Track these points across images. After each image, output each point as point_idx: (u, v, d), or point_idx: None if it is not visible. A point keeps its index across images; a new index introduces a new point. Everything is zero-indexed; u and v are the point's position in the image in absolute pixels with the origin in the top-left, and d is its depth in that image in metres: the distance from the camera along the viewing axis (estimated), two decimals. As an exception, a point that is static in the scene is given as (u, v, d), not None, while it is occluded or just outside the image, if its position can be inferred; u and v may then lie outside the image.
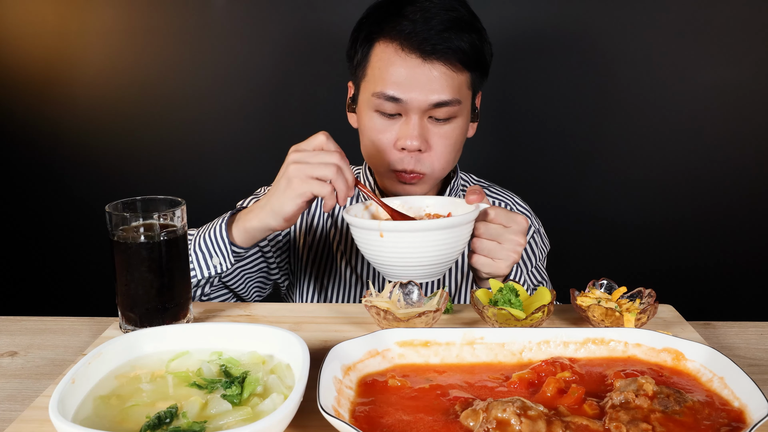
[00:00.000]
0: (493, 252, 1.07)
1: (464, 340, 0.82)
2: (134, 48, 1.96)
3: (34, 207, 2.08)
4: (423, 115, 1.18)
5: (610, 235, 2.01)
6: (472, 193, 1.07)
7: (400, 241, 0.98)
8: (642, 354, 0.82)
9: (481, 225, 1.06)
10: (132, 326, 0.93)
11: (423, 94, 1.16)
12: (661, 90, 1.90)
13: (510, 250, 1.06)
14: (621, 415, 0.67)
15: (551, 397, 0.72)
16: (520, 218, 1.07)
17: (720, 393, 0.73)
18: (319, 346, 0.91)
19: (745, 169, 1.94)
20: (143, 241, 0.90)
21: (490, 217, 1.06)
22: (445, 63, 1.16)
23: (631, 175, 1.96)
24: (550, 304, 0.92)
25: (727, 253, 1.99)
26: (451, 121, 1.21)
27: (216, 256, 1.13)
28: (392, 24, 1.17)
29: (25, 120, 2.02)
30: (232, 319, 1.02)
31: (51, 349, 0.95)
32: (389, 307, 0.93)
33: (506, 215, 1.06)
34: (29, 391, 0.84)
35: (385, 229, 0.98)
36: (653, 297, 0.96)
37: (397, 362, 0.81)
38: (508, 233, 1.06)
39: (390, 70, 1.17)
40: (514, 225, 1.06)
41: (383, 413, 0.70)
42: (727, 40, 1.85)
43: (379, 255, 1.01)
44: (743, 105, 1.89)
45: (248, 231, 1.10)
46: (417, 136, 1.18)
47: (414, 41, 1.15)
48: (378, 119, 1.21)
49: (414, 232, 0.98)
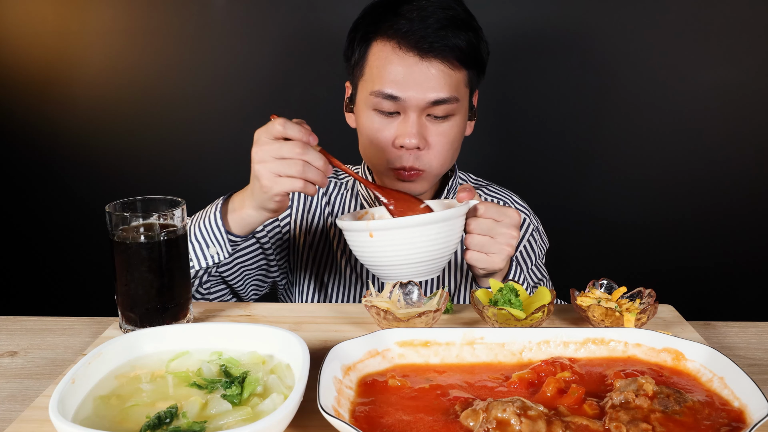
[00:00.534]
0: (486, 247, 1.07)
1: (464, 340, 0.83)
2: (134, 48, 1.97)
3: (34, 207, 2.09)
4: (421, 113, 1.19)
5: (609, 235, 2.01)
6: (463, 190, 1.07)
7: (389, 238, 0.98)
8: (642, 354, 0.82)
9: (472, 221, 1.07)
10: (132, 326, 0.93)
11: (421, 92, 1.16)
12: (660, 90, 1.90)
13: (503, 244, 1.06)
14: (621, 415, 0.67)
15: (551, 397, 0.72)
16: (511, 212, 1.07)
17: (720, 393, 0.73)
18: (319, 346, 0.91)
19: (745, 169, 1.94)
20: (143, 241, 0.91)
21: (480, 212, 1.06)
22: (443, 61, 1.16)
23: (630, 174, 1.96)
24: (550, 304, 0.92)
25: (727, 253, 2.00)
26: (449, 119, 1.21)
27: (213, 246, 1.13)
28: (389, 23, 1.17)
29: (25, 120, 2.03)
30: (232, 319, 1.02)
31: (51, 349, 0.95)
32: (389, 307, 0.93)
33: (497, 210, 1.06)
34: (29, 391, 0.84)
35: (373, 228, 0.98)
36: (653, 297, 0.96)
37: (397, 362, 0.81)
38: (500, 227, 1.06)
39: (388, 69, 1.17)
40: (505, 218, 1.06)
41: (383, 413, 0.70)
42: (727, 40, 1.85)
43: (372, 256, 1.02)
44: (743, 105, 1.89)
45: (243, 219, 1.10)
46: (415, 134, 1.18)
47: (411, 39, 1.15)
48: (376, 118, 1.21)
49: (402, 228, 0.98)
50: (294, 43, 1.92)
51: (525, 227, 1.38)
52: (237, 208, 1.10)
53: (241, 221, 1.10)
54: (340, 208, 1.37)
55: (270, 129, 1.00)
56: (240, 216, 1.10)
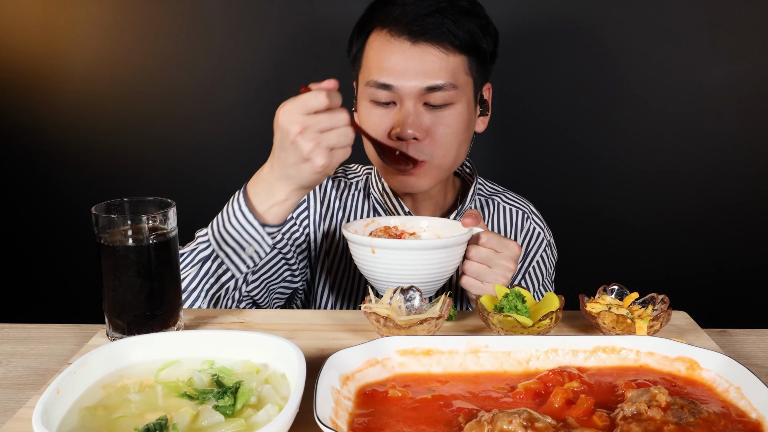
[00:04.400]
0: (482, 275, 1.10)
1: (468, 349, 0.82)
2: (124, 43, 1.97)
3: (18, 207, 2.08)
4: (417, 102, 1.18)
5: (620, 238, 2.01)
6: (468, 216, 1.10)
7: (391, 258, 1.05)
8: (655, 363, 0.82)
9: (473, 248, 1.10)
10: (119, 334, 0.93)
11: (415, 79, 1.15)
12: (671, 87, 1.90)
13: (499, 275, 1.10)
14: (633, 427, 0.67)
15: (559, 408, 0.72)
16: (513, 245, 1.11)
17: (737, 404, 0.73)
18: (315, 354, 0.91)
19: (762, 171, 1.93)
20: (131, 244, 0.90)
21: (482, 241, 1.10)
22: (436, 45, 1.16)
23: (640, 175, 1.96)
24: (559, 311, 0.92)
25: (743, 258, 1.99)
26: (449, 108, 1.20)
27: (250, 246, 1.10)
28: (384, 13, 1.19)
29: (8, 117, 2.03)
30: (224, 327, 1.02)
31: (34, 357, 0.95)
32: (389, 313, 0.93)
33: (498, 240, 1.10)
34: (12, 402, 0.84)
35: (377, 246, 1.05)
36: (666, 303, 0.96)
37: (397, 371, 0.81)
38: (499, 258, 1.10)
39: (381, 57, 1.17)
40: (505, 251, 1.10)
41: (383, 425, 0.70)
42: (737, 36, 1.85)
43: (372, 270, 1.08)
44: (759, 102, 1.89)
45: (281, 205, 1.07)
46: (411, 123, 1.17)
47: (402, 24, 1.16)
48: (374, 110, 1.21)
49: (405, 250, 1.04)
50: (291, 39, 1.92)
51: (539, 243, 1.39)
52: (267, 197, 1.07)
53: (279, 208, 1.07)
54: (353, 210, 1.37)
55: (308, 103, 0.97)
56: (275, 202, 1.07)
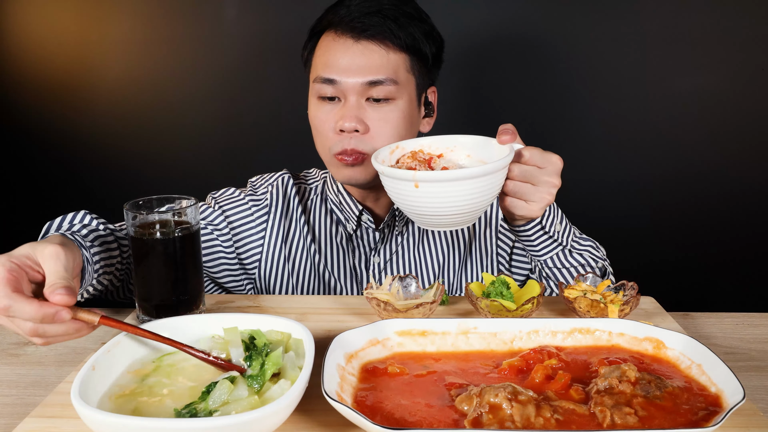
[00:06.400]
0: (527, 194, 0.97)
1: (459, 330, 0.83)
2: (151, 57, 1.97)
3: (56, 207, 2.08)
4: (360, 96, 1.13)
5: (594, 231, 2.01)
6: (505, 132, 0.96)
7: (435, 191, 0.91)
8: (625, 343, 0.82)
9: (515, 167, 0.96)
10: (148, 317, 0.93)
11: (357, 74, 1.11)
12: (639, 96, 1.90)
13: (544, 192, 0.97)
14: (605, 399, 0.67)
15: (540, 383, 0.73)
16: (555, 158, 0.96)
17: (698, 379, 0.73)
18: (323, 335, 0.91)
19: (720, 169, 1.94)
20: (159, 237, 0.91)
21: (525, 158, 0.96)
22: (377, 42, 1.12)
23: (613, 174, 1.96)
24: (539, 296, 0.92)
25: (705, 248, 2.00)
26: (390, 103, 1.13)
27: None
28: (332, 14, 1.15)
29: (47, 124, 2.03)
30: (242, 310, 1.02)
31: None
32: (389, 298, 0.93)
33: (541, 156, 0.96)
34: (53, 377, 0.84)
35: (420, 180, 0.90)
36: (635, 289, 0.96)
37: (396, 350, 0.81)
38: (543, 175, 0.96)
39: (327, 55, 1.13)
40: (549, 166, 0.96)
41: (383, 398, 0.70)
42: (702, 48, 1.85)
43: (413, 205, 0.94)
44: (719, 110, 1.90)
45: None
46: (353, 117, 1.11)
47: (346, 23, 1.12)
48: (321, 105, 1.15)
49: (449, 181, 0.90)
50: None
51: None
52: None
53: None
54: (312, 214, 1.29)
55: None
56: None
